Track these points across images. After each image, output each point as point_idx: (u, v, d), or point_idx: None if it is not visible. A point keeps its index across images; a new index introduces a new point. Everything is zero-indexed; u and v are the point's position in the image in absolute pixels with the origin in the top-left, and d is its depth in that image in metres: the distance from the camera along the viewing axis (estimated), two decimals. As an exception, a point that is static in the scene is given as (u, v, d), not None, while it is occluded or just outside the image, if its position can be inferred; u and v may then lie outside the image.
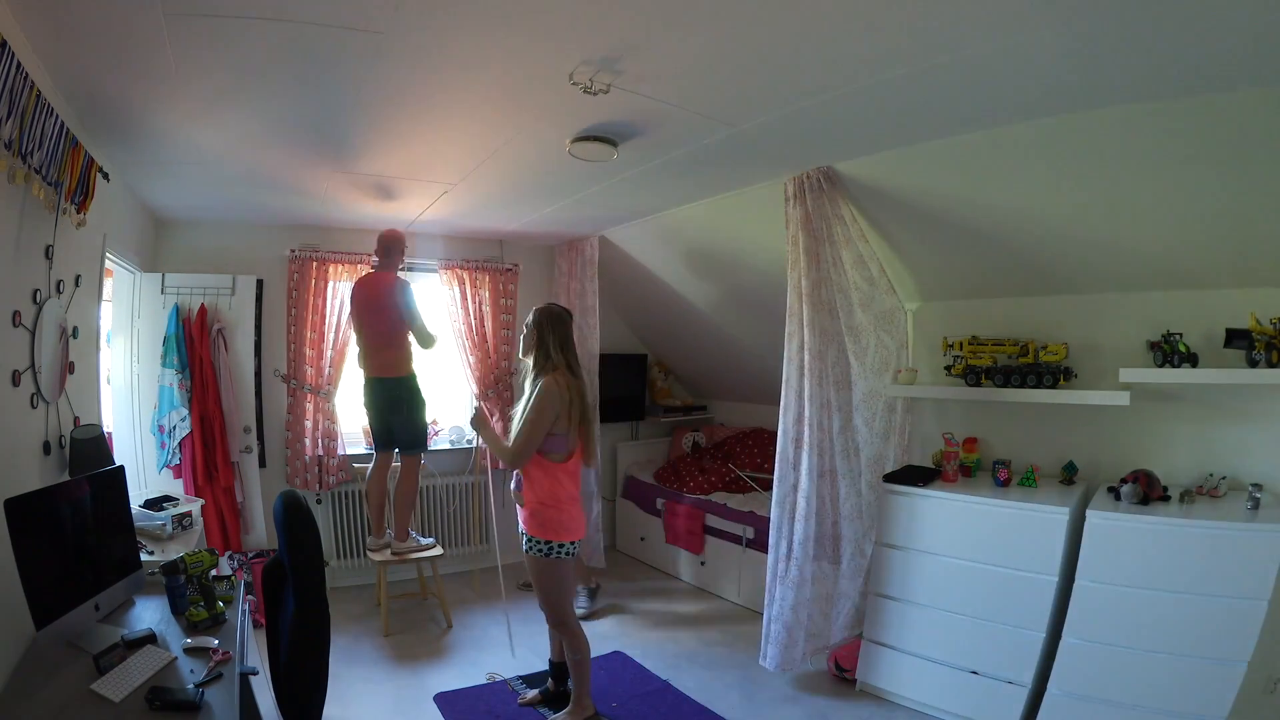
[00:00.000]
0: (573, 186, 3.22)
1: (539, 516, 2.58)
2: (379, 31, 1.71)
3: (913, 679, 2.81)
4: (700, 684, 3.10)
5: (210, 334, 3.59)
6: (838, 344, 3.00)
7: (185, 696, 1.55)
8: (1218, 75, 1.76)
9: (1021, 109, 2.09)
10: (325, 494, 4.17)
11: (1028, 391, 2.76)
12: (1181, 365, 2.40)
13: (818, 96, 2.08)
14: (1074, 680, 2.36)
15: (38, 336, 1.98)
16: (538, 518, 2.58)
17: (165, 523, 2.82)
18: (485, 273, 4.59)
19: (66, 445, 2.24)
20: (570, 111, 2.23)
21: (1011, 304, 3.04)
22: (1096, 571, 2.35)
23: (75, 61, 1.88)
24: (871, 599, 2.95)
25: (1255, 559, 2.07)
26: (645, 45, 1.78)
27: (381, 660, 3.31)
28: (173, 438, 3.49)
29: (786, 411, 2.94)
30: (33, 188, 1.80)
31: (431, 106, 2.23)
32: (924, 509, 2.79)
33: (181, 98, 2.13)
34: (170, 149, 2.63)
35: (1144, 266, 2.58)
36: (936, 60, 1.80)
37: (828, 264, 2.89)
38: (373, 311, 3.62)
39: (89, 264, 2.57)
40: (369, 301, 3.63)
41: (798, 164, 2.79)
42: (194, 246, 3.85)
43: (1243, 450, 2.47)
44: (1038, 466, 2.85)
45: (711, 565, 4.27)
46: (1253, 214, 2.16)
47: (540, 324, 2.65)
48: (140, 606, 2.11)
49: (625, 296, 4.99)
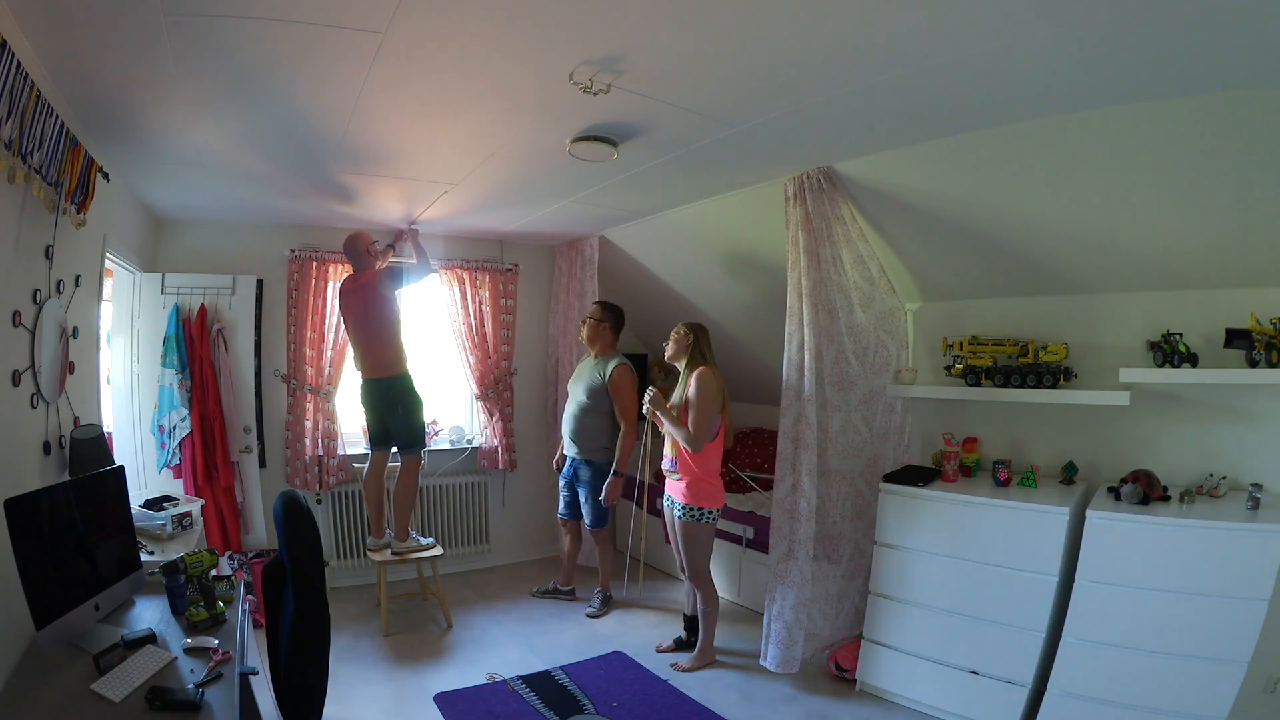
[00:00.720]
0: (573, 186, 3.22)
1: (693, 488, 3.09)
2: (379, 31, 1.71)
3: (913, 679, 2.81)
4: (700, 684, 3.10)
5: (210, 334, 3.59)
6: (838, 344, 3.00)
7: (185, 696, 1.55)
8: (1218, 75, 1.76)
9: (1022, 109, 2.09)
10: (325, 494, 4.17)
11: (1028, 391, 2.76)
12: (1181, 365, 2.40)
13: (818, 96, 2.08)
14: (1074, 680, 2.36)
15: (38, 336, 1.98)
16: (692, 489, 3.09)
17: (165, 523, 2.82)
18: (485, 273, 4.59)
19: (66, 445, 2.25)
20: (570, 111, 2.23)
21: (1011, 304, 3.04)
22: (1096, 571, 2.35)
23: (75, 61, 1.88)
24: (871, 599, 2.94)
25: (1255, 559, 2.07)
26: (645, 45, 1.78)
27: (381, 660, 3.31)
28: (173, 438, 3.50)
29: (786, 411, 2.94)
30: (33, 188, 1.81)
31: (431, 107, 2.23)
32: (924, 509, 2.79)
33: (181, 98, 2.13)
34: (170, 149, 2.63)
35: (1144, 266, 2.58)
36: (936, 60, 1.80)
37: (828, 264, 2.89)
38: (357, 312, 3.60)
39: (89, 264, 2.57)
40: (352, 304, 3.63)
41: (798, 164, 2.79)
42: (194, 246, 3.85)
43: (1243, 450, 2.47)
44: (1038, 466, 2.85)
45: (712, 565, 4.25)
46: (1253, 214, 2.16)
47: (695, 331, 3.20)
48: (140, 606, 2.11)
49: (625, 296, 4.96)
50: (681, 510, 3.13)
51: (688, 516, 3.12)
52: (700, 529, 3.12)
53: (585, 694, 2.99)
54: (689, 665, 3.24)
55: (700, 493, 3.09)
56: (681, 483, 3.13)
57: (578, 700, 2.94)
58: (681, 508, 3.13)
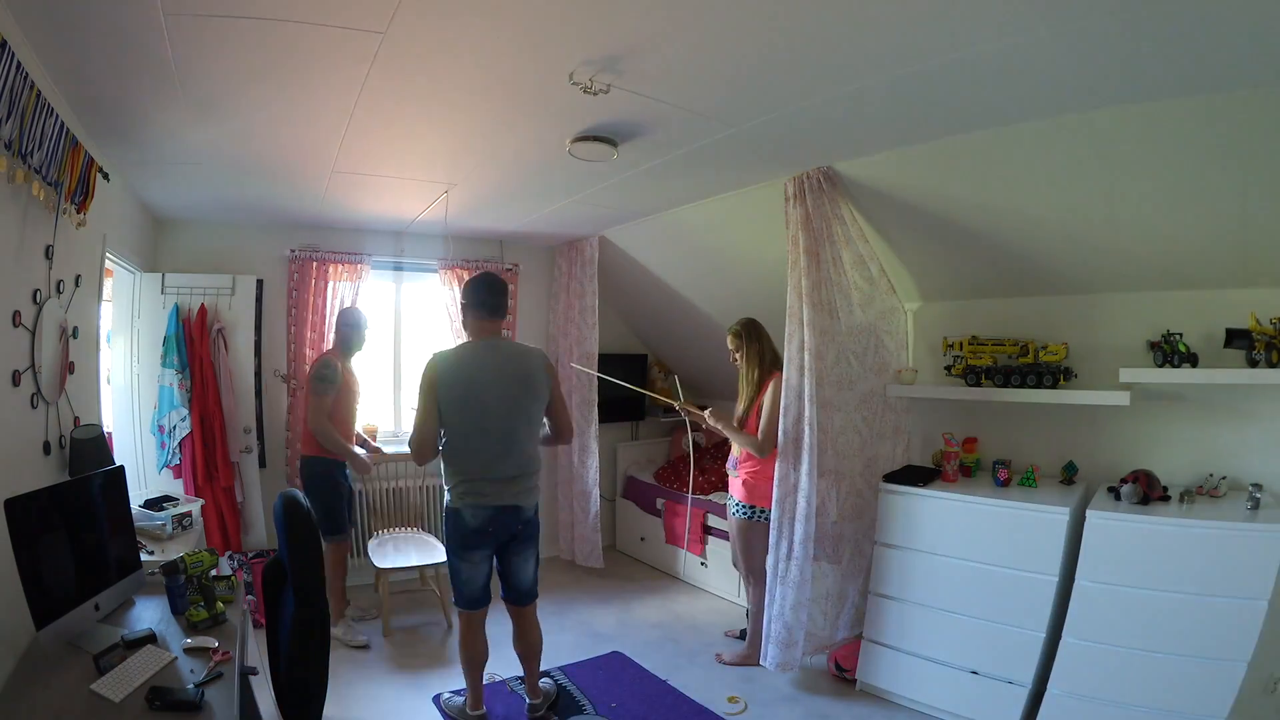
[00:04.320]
0: (573, 186, 3.22)
1: (750, 485, 3.16)
2: (379, 31, 1.71)
3: (913, 679, 2.81)
4: (700, 684, 3.10)
5: (210, 334, 3.59)
6: (838, 344, 3.00)
7: (185, 696, 1.55)
8: (1218, 75, 1.76)
9: (1022, 109, 2.09)
10: (325, 494, 4.17)
11: (1028, 391, 2.76)
12: (1181, 365, 2.40)
13: (818, 96, 2.08)
14: (1074, 680, 2.36)
15: (38, 336, 1.98)
16: (749, 488, 3.16)
17: (165, 523, 2.82)
18: (485, 273, 4.58)
19: (66, 445, 2.24)
20: (570, 111, 2.23)
21: (1011, 304, 3.04)
22: (1096, 571, 2.35)
23: (75, 61, 1.88)
24: (871, 599, 2.95)
25: (1255, 559, 2.07)
26: (645, 45, 1.78)
27: (381, 660, 3.31)
28: (173, 438, 3.49)
29: (786, 411, 2.94)
30: (33, 188, 1.80)
31: (431, 107, 2.23)
32: (924, 509, 2.79)
33: (181, 98, 2.13)
34: (170, 149, 2.63)
35: (1144, 266, 2.58)
36: (936, 61, 1.80)
37: (828, 264, 2.89)
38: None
39: (89, 264, 2.57)
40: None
41: (798, 164, 2.79)
42: (194, 246, 3.85)
43: (1243, 450, 2.47)
44: (1038, 466, 2.85)
45: (711, 565, 4.27)
46: (1253, 214, 2.16)
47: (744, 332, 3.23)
48: (140, 606, 2.11)
49: (625, 296, 4.99)
50: (736, 508, 3.23)
51: (743, 514, 3.19)
52: (754, 526, 3.16)
53: (584, 694, 2.99)
54: (730, 659, 3.30)
55: (754, 492, 3.15)
56: (740, 481, 3.21)
57: (577, 700, 2.94)
58: (737, 505, 3.22)
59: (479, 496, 2.49)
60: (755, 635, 3.20)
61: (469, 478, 2.50)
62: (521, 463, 2.54)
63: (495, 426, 2.49)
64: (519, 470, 2.53)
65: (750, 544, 3.19)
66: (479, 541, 2.52)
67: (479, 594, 2.60)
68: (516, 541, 2.59)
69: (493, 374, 2.51)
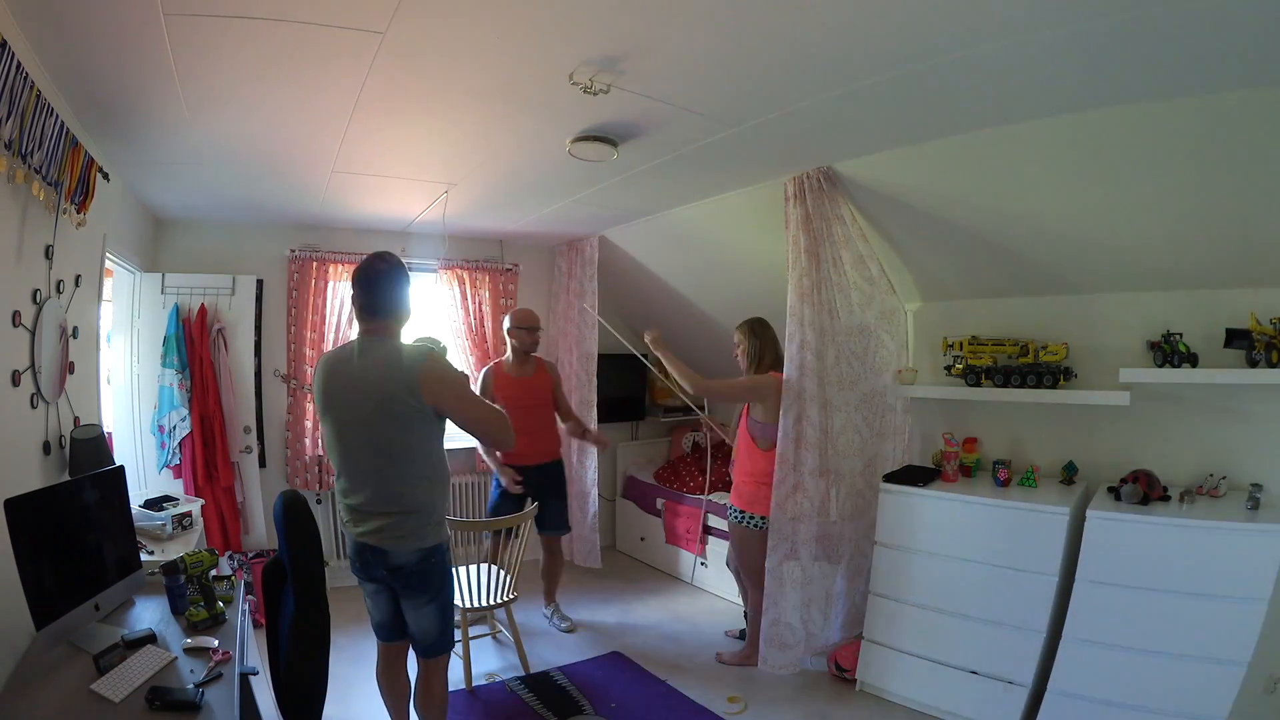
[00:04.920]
0: (573, 186, 3.22)
1: (742, 491, 3.16)
2: (379, 31, 1.71)
3: (912, 679, 2.81)
4: (700, 684, 3.10)
5: (210, 334, 3.59)
6: (838, 344, 3.00)
7: (185, 696, 1.55)
8: (1218, 75, 1.76)
9: (1022, 109, 2.09)
10: (325, 494, 4.17)
11: (1028, 391, 2.76)
12: (1181, 365, 2.40)
13: (818, 96, 2.08)
14: (1074, 680, 2.36)
15: (38, 336, 1.98)
16: (745, 495, 3.14)
17: (165, 523, 2.82)
18: (485, 273, 4.59)
19: (66, 445, 2.24)
20: (570, 111, 2.23)
21: (1011, 304, 3.04)
22: (1096, 571, 2.35)
23: (75, 61, 1.88)
24: (871, 599, 2.94)
25: (1255, 559, 2.07)
26: (645, 45, 1.78)
27: (381, 660, 3.30)
28: (173, 438, 3.50)
29: (787, 411, 2.94)
30: (33, 188, 1.80)
31: (431, 107, 2.23)
32: (924, 509, 2.79)
33: (181, 98, 2.13)
34: (170, 149, 2.63)
35: (1144, 266, 2.58)
36: (936, 60, 1.80)
37: (828, 264, 2.89)
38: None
39: (89, 264, 2.57)
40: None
41: (798, 164, 2.79)
42: (194, 246, 3.85)
43: (1242, 450, 2.47)
44: (1038, 466, 2.85)
45: (711, 565, 4.27)
46: (1253, 214, 2.16)
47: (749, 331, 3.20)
48: (140, 606, 2.11)
49: (625, 296, 4.98)
50: (734, 514, 3.22)
51: (742, 521, 3.17)
52: (753, 534, 3.11)
53: (584, 694, 2.99)
54: (730, 659, 3.30)
55: (753, 500, 3.11)
56: (737, 486, 3.22)
57: (576, 701, 2.94)
58: (735, 512, 3.21)
59: (346, 524, 2.11)
60: (754, 636, 3.19)
61: (340, 497, 2.11)
62: (379, 500, 2.00)
63: (350, 451, 2.04)
64: (374, 509, 2.01)
65: (750, 549, 3.17)
66: (358, 573, 2.14)
67: (378, 627, 2.25)
68: (399, 585, 2.09)
69: (345, 385, 2.01)
